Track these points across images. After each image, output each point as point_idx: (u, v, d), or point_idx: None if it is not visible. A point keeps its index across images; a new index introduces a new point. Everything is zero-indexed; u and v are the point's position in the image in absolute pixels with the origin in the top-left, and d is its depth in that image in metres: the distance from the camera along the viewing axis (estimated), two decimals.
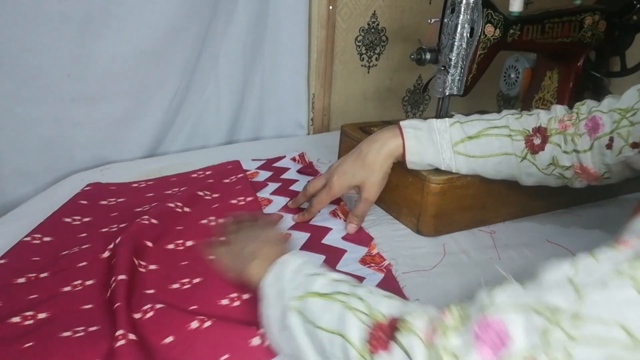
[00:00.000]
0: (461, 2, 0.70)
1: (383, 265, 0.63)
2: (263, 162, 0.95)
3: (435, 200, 0.68)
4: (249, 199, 0.78)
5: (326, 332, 0.41)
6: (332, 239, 0.69)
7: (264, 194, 0.81)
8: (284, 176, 0.89)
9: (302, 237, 0.69)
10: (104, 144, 0.95)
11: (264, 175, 0.89)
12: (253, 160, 0.95)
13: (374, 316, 0.39)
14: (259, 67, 1.09)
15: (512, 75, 0.98)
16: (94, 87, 0.88)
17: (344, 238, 0.69)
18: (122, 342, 0.46)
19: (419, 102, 1.35)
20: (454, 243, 0.69)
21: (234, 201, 0.78)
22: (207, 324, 0.50)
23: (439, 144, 0.66)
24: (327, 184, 0.70)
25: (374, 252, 0.66)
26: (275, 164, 0.94)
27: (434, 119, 0.68)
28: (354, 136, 0.85)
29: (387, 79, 1.25)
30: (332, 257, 0.64)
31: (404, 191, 0.72)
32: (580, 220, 0.78)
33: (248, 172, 0.89)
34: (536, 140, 0.65)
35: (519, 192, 0.72)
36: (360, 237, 0.69)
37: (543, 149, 0.64)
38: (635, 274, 0.29)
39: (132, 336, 0.47)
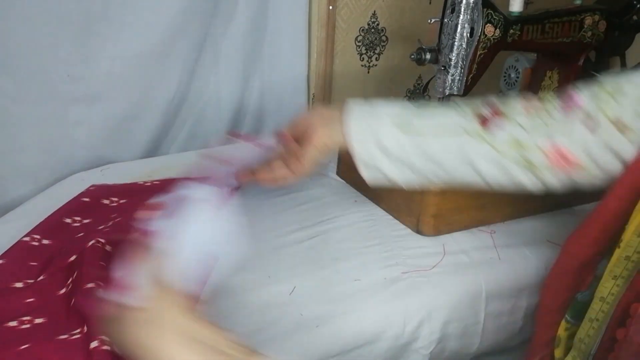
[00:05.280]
0: (461, 2, 0.70)
1: None
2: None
3: (435, 200, 0.68)
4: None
5: None
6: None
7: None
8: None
9: None
10: (104, 144, 0.94)
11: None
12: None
13: None
14: (259, 67, 1.08)
15: (512, 75, 0.98)
16: (94, 87, 0.88)
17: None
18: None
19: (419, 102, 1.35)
20: (454, 243, 0.69)
21: None
22: None
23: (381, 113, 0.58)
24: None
25: None
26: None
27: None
28: None
29: (387, 79, 1.25)
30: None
31: (404, 191, 0.72)
32: (580, 220, 0.77)
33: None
34: (486, 112, 0.55)
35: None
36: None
37: (498, 125, 0.54)
38: None
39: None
